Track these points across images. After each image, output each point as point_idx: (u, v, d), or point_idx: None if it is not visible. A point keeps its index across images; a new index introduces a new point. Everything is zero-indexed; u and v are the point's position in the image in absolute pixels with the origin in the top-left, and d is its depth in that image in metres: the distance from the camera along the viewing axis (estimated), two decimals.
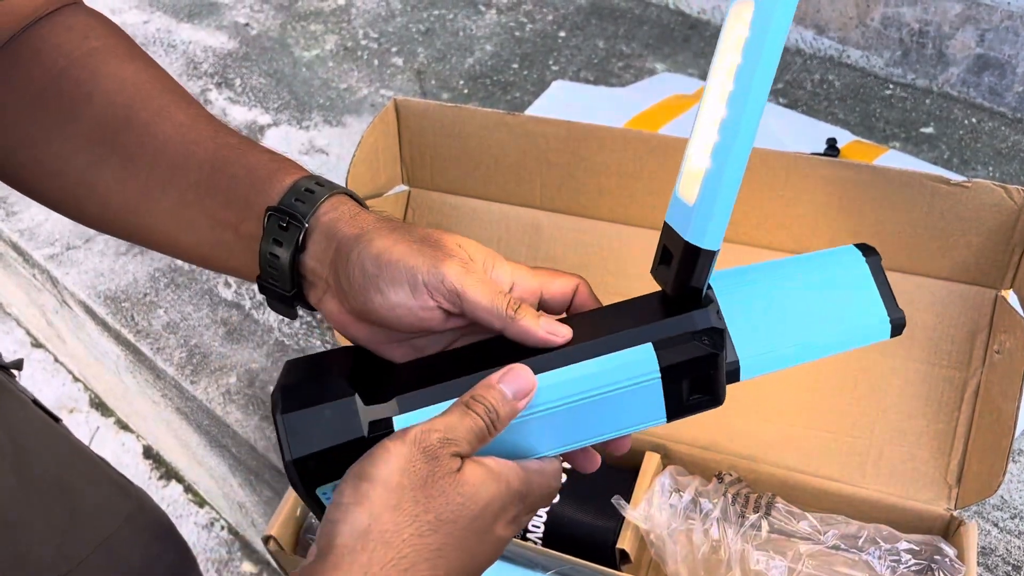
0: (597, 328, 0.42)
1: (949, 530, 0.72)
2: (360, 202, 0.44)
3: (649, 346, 0.41)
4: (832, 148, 1.11)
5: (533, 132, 0.81)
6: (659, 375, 0.41)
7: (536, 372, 0.40)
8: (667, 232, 0.44)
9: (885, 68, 1.44)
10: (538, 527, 0.75)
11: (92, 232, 1.27)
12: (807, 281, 0.46)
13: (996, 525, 0.86)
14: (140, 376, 1.19)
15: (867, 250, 0.47)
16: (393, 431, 0.39)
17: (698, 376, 0.42)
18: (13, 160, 0.46)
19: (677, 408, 0.42)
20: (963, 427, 0.73)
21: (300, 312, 0.49)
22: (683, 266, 0.42)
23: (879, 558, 0.69)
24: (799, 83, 1.45)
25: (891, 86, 1.42)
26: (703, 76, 1.49)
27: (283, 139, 1.44)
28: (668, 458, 0.80)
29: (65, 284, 1.21)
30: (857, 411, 0.76)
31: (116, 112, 0.44)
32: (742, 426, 0.78)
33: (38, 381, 1.59)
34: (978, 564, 0.81)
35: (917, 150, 1.30)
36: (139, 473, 1.43)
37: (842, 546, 0.70)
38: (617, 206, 0.81)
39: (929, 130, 1.34)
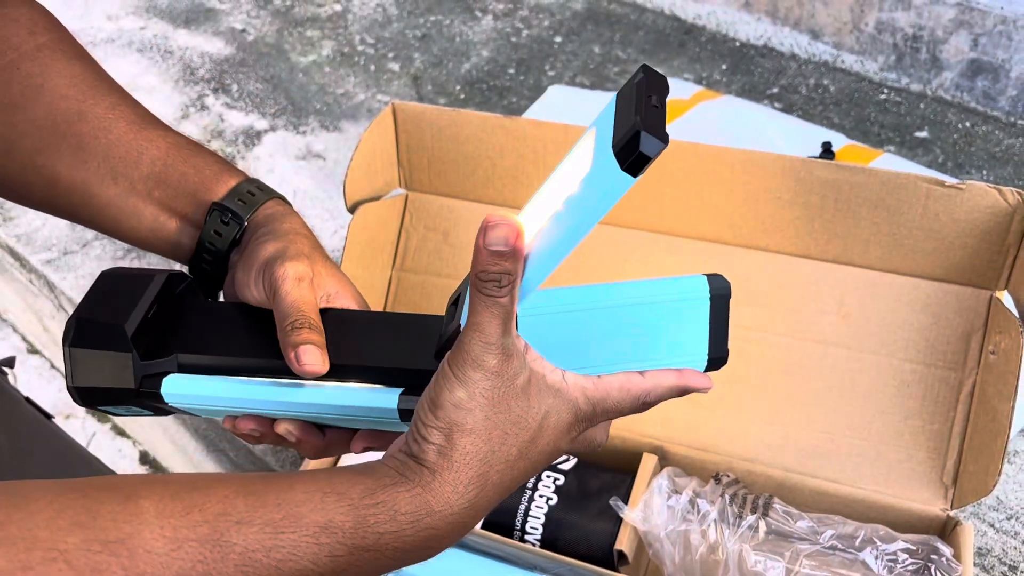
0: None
1: (945, 530, 0.73)
2: (290, 207, 0.50)
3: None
4: (827, 152, 1.11)
5: (530, 135, 0.82)
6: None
7: None
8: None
9: (879, 73, 1.45)
10: (536, 529, 0.76)
11: (90, 236, 1.27)
12: (639, 302, 0.45)
13: (992, 526, 0.87)
14: None
15: (716, 281, 0.45)
16: (160, 389, 0.45)
17: None
18: None
19: None
20: (959, 427, 0.74)
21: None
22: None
23: (876, 558, 0.69)
24: (794, 88, 1.46)
25: (885, 90, 1.43)
26: (699, 81, 1.50)
27: (280, 144, 1.44)
28: (666, 460, 0.80)
29: (62, 289, 1.21)
30: (854, 412, 0.76)
31: (69, 105, 0.48)
32: (739, 428, 0.79)
33: (34, 387, 1.58)
34: (974, 564, 0.81)
35: (912, 154, 1.31)
36: None
37: (839, 546, 0.70)
38: (614, 209, 0.82)
39: (923, 134, 1.34)
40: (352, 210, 0.83)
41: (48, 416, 0.63)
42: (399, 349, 0.46)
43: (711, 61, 1.54)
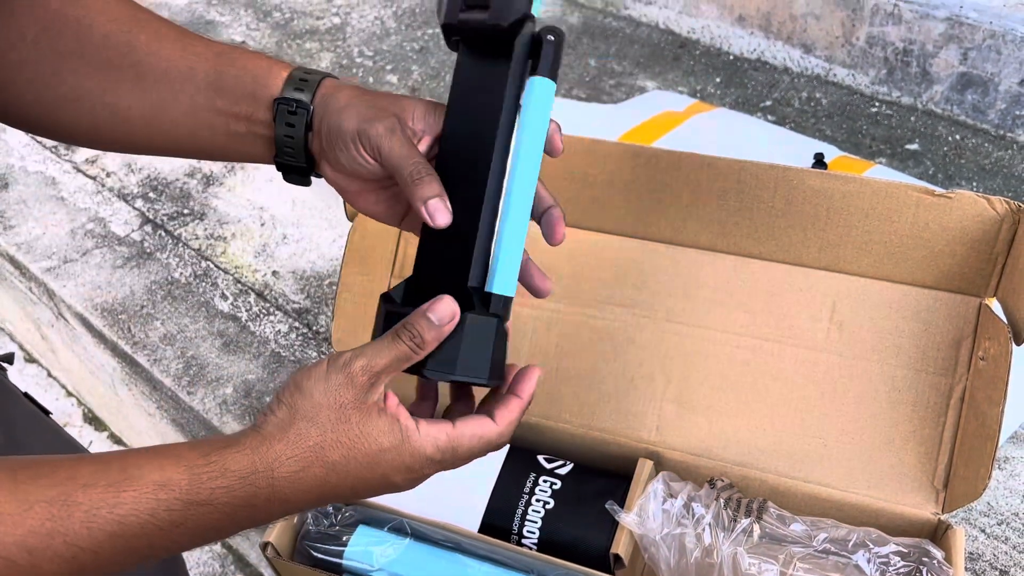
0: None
1: (937, 534, 0.74)
2: (337, 79, 0.53)
3: (546, 82, 0.49)
4: (820, 163, 1.13)
5: None
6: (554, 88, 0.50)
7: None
8: None
9: (871, 86, 1.47)
10: (533, 532, 0.76)
11: (90, 245, 1.28)
12: None
13: (983, 531, 0.88)
14: (136, 388, 1.20)
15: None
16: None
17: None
18: (23, 100, 0.50)
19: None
20: (949, 432, 0.75)
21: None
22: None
23: (868, 561, 0.70)
24: (787, 101, 1.48)
25: (877, 103, 1.45)
26: (693, 93, 1.51)
27: None
28: (661, 465, 0.81)
29: (62, 297, 1.22)
30: (846, 417, 0.78)
31: (118, 39, 0.50)
32: (733, 433, 0.80)
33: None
34: (965, 569, 0.82)
35: (903, 166, 1.33)
36: None
37: (832, 549, 0.71)
38: (610, 217, 0.83)
39: (914, 146, 1.36)
40: (352, 218, 0.84)
41: (46, 412, 0.64)
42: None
43: (705, 74, 1.56)
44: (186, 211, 1.34)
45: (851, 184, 0.76)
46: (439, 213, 0.46)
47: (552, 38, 0.48)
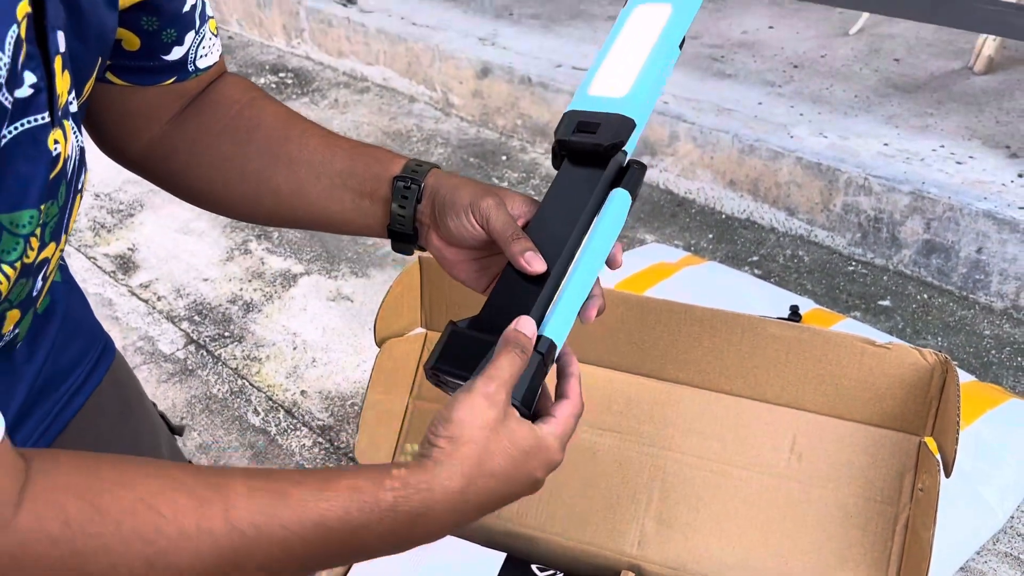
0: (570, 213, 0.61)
1: None
2: (442, 169, 0.66)
3: (625, 193, 0.61)
4: (795, 314, 1.27)
5: None
6: (630, 201, 0.62)
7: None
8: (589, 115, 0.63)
9: (847, 247, 1.63)
10: None
11: (139, 360, 1.42)
12: None
13: None
14: None
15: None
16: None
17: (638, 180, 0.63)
18: (206, 177, 0.67)
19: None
20: (896, 555, 0.85)
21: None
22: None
23: None
24: (772, 257, 1.64)
25: (853, 263, 1.60)
26: (688, 247, 1.68)
27: (313, 287, 1.61)
28: None
29: None
30: (805, 538, 0.88)
31: (278, 134, 0.66)
32: (706, 549, 0.89)
33: None
34: None
35: (876, 320, 1.46)
36: None
37: None
38: (603, 355, 0.96)
39: (886, 303, 1.50)
40: (380, 344, 0.98)
41: None
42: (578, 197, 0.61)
43: (699, 230, 1.73)
44: (227, 334, 1.49)
45: (805, 333, 0.90)
46: (536, 261, 0.59)
47: (637, 167, 0.62)
